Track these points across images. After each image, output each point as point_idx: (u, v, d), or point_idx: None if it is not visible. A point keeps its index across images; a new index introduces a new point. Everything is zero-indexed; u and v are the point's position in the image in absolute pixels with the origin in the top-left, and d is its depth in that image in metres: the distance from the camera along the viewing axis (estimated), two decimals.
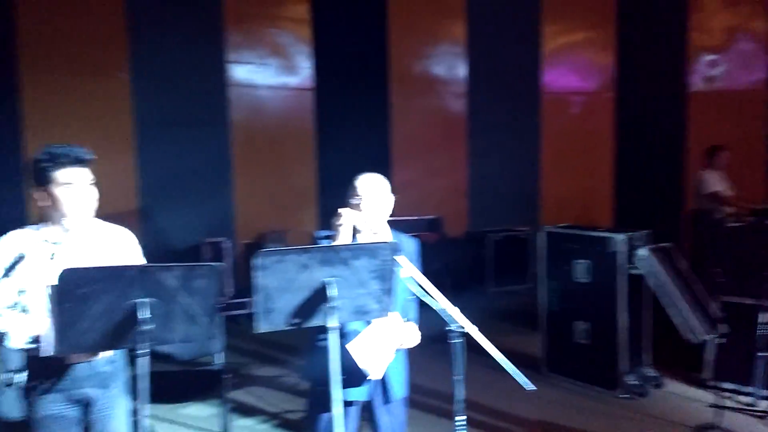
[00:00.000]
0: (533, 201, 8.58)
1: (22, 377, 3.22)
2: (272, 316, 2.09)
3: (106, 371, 2.33)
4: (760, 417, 4.03)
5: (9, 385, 3.33)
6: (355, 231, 2.59)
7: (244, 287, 6.61)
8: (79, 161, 2.25)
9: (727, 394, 4.28)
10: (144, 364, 1.95)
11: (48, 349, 1.95)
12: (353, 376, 2.49)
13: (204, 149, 7.00)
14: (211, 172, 7.10)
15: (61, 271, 1.80)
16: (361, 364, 2.43)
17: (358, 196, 2.55)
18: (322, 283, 2.09)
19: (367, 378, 2.53)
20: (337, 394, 2.10)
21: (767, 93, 7.76)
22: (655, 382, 4.57)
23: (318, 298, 2.11)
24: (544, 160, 8.56)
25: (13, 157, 6.05)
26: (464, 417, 2.39)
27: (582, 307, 4.63)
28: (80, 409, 2.32)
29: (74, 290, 1.84)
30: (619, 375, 4.42)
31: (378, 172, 8.28)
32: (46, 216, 2.28)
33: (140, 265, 1.94)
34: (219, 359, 3.81)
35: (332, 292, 2.07)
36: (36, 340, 2.16)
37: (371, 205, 2.54)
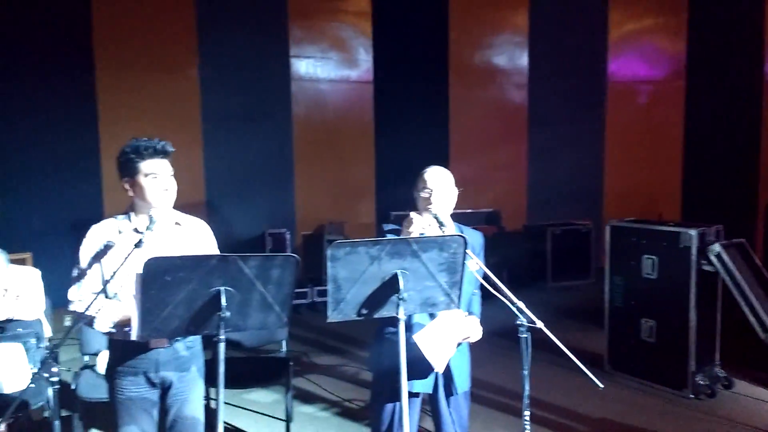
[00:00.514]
0: (596, 194, 8.37)
1: (103, 360, 3.43)
2: (342, 306, 2.13)
3: (184, 356, 2.44)
4: None
5: (88, 367, 3.54)
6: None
7: (304, 278, 6.79)
8: (161, 153, 2.36)
9: None
10: (222, 349, 2.03)
11: (132, 333, 2.05)
12: (417, 367, 2.52)
13: (267, 142, 7.19)
14: (273, 164, 7.28)
15: (146, 260, 1.90)
16: (427, 355, 2.46)
17: (426, 188, 2.57)
18: (392, 275, 2.12)
19: (431, 370, 2.56)
20: (404, 385, 2.12)
21: None
22: (724, 383, 4.40)
23: (387, 290, 2.14)
24: (608, 152, 8.33)
25: (89, 151, 6.39)
26: (529, 413, 2.38)
27: (649, 303, 4.50)
28: (159, 392, 2.44)
29: (159, 278, 1.93)
30: (688, 374, 4.28)
31: (436, 163, 8.28)
32: (133, 206, 2.41)
33: (220, 255, 2.02)
34: (284, 347, 3.92)
35: (402, 283, 2.10)
36: (121, 324, 2.29)
37: (438, 197, 2.54)
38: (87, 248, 2.37)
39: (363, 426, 3.92)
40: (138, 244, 2.23)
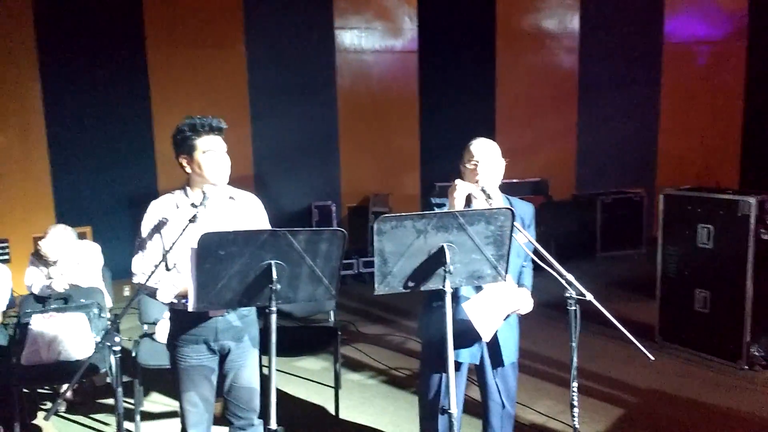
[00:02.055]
0: (649, 161, 8.11)
1: (161, 329, 3.60)
2: (389, 279, 2.16)
3: (239, 325, 2.54)
4: None
5: (147, 335, 3.72)
6: (470, 197, 2.60)
7: (350, 249, 6.87)
8: (216, 130, 2.43)
9: None
10: (274, 319, 2.10)
11: (189, 305, 2.15)
12: (465, 337, 2.55)
13: (312, 116, 7.23)
14: (318, 137, 7.33)
15: (201, 235, 1.97)
16: (475, 324, 2.48)
17: (472, 161, 2.55)
18: (438, 248, 2.13)
19: (478, 340, 2.58)
20: (450, 356, 2.14)
21: None
22: None
23: (433, 263, 2.15)
24: (664, 117, 8.02)
25: (143, 127, 6.58)
26: (576, 385, 2.38)
27: (703, 274, 4.38)
28: (217, 359, 2.55)
29: (213, 252, 2.00)
30: (743, 345, 4.17)
31: (482, 133, 8.15)
32: (189, 181, 2.50)
33: (271, 230, 2.07)
34: (332, 317, 4.01)
35: (448, 256, 2.11)
36: (181, 295, 2.39)
37: (485, 169, 2.53)
38: (147, 222, 2.47)
39: (409, 394, 4.00)
40: (193, 219, 2.31)
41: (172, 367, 2.57)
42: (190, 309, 2.15)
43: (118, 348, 2.54)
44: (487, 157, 2.55)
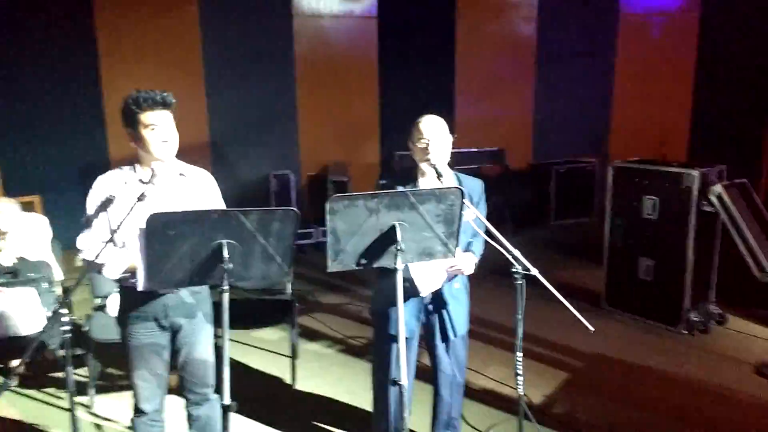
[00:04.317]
0: (602, 132, 8.29)
1: (113, 303, 3.56)
2: (342, 256, 2.19)
3: (191, 302, 2.54)
4: None
5: (99, 308, 3.68)
6: (420, 175, 2.63)
7: (309, 218, 6.87)
8: (161, 104, 2.37)
9: None
10: (227, 299, 2.11)
11: (138, 284, 2.13)
12: (414, 309, 2.62)
13: (269, 82, 7.10)
14: (276, 105, 7.22)
15: (148, 215, 1.95)
16: (415, 278, 2.54)
17: (422, 139, 2.57)
18: (390, 227, 2.17)
19: (428, 313, 2.66)
20: (402, 329, 2.20)
21: None
22: (718, 319, 4.52)
23: (385, 241, 2.19)
24: (618, 88, 8.17)
25: (92, 95, 6.36)
26: (521, 354, 2.48)
27: (648, 243, 4.57)
28: (169, 335, 2.55)
29: (161, 232, 1.99)
30: (682, 311, 4.40)
31: (441, 102, 8.23)
32: (138, 157, 2.45)
33: (221, 210, 2.07)
34: (288, 289, 4.04)
35: (399, 234, 2.15)
36: (130, 272, 2.37)
37: (436, 147, 2.55)
38: (93, 199, 2.42)
39: (366, 362, 4.09)
40: (141, 197, 2.28)
41: (122, 343, 2.56)
42: (140, 288, 2.14)
43: (67, 320, 2.51)
44: (436, 135, 2.57)
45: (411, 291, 2.56)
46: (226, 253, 2.06)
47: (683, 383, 3.76)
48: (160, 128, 2.38)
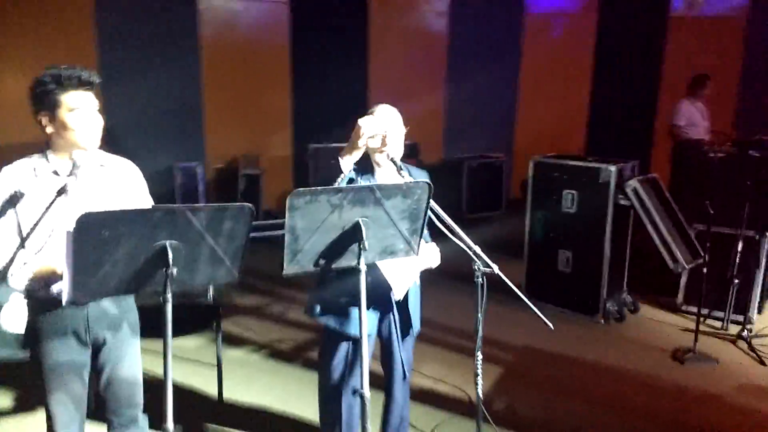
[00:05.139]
0: (509, 127, 8.54)
1: (8, 315, 3.09)
2: (299, 257, 2.00)
3: (115, 312, 2.23)
4: (732, 341, 4.27)
5: None
6: (375, 166, 2.48)
7: None
8: (86, 84, 2.06)
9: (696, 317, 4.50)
10: (169, 309, 1.85)
11: (63, 296, 1.81)
12: (374, 308, 2.46)
13: (172, 68, 6.59)
14: (179, 92, 6.73)
15: (80, 216, 1.64)
16: (390, 281, 2.39)
17: (373, 121, 2.41)
18: (353, 223, 2.00)
19: (386, 311, 2.51)
20: (364, 332, 2.04)
21: (746, 21, 7.73)
22: (631, 308, 4.77)
23: (347, 239, 2.02)
24: (523, 85, 8.44)
25: None
26: (480, 355, 2.42)
27: (567, 236, 4.71)
28: (89, 352, 2.22)
29: (94, 234, 1.69)
30: (600, 301, 4.58)
31: (354, 94, 8.01)
32: (51, 144, 2.09)
33: (166, 207, 1.79)
34: (210, 292, 3.72)
35: (366, 232, 1.99)
36: (42, 279, 2.03)
37: (393, 139, 2.41)
38: None
39: (296, 368, 3.88)
40: (62, 191, 1.94)
41: (32, 363, 2.19)
42: (65, 301, 1.81)
43: None
44: (392, 126, 2.44)
45: (380, 291, 2.39)
46: (171, 256, 1.80)
47: (608, 371, 3.90)
48: (84, 111, 2.07)
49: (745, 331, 4.25)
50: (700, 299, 4.27)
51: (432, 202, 2.41)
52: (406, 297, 2.56)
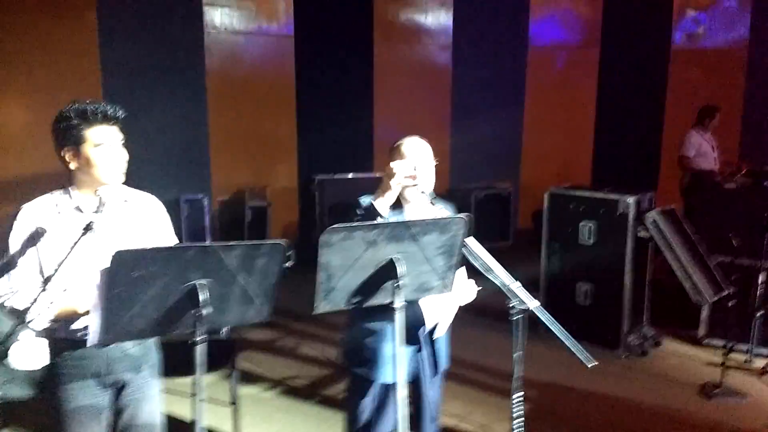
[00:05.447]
0: (515, 157, 8.53)
1: (21, 352, 2.98)
2: (333, 295, 1.92)
3: (135, 353, 2.14)
4: (759, 374, 4.17)
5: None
6: (403, 201, 2.42)
7: None
8: (111, 119, 2.01)
9: (723, 351, 4.39)
10: (200, 352, 1.77)
11: (90, 338, 1.72)
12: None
13: (178, 99, 6.56)
14: (185, 124, 6.68)
15: (114, 253, 1.57)
16: (429, 320, 2.31)
17: (407, 162, 2.35)
18: (388, 261, 1.92)
19: (415, 352, 2.42)
20: (401, 379, 1.96)
21: (748, 53, 7.80)
22: (654, 341, 4.66)
23: (382, 276, 1.95)
24: (528, 116, 8.46)
25: None
26: (522, 393, 2.32)
27: (585, 268, 4.63)
28: (109, 394, 2.12)
29: (128, 273, 1.61)
30: (621, 335, 4.48)
31: (360, 126, 7.97)
32: (73, 179, 2.03)
33: (199, 246, 1.72)
34: (224, 328, 3.62)
35: (401, 269, 1.91)
36: (65, 319, 1.95)
37: (424, 172, 2.35)
38: (19, 233, 1.97)
39: (312, 405, 3.76)
40: (88, 228, 1.86)
41: (51, 408, 2.09)
42: (90, 343, 1.72)
43: None
44: (423, 159, 2.38)
45: (411, 330, 2.30)
46: (202, 296, 1.72)
47: (634, 407, 3.78)
48: (110, 147, 2.01)
49: None
50: (726, 333, 4.20)
51: (472, 239, 2.34)
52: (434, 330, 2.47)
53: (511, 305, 2.22)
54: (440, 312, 2.38)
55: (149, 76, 6.38)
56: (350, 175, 6.78)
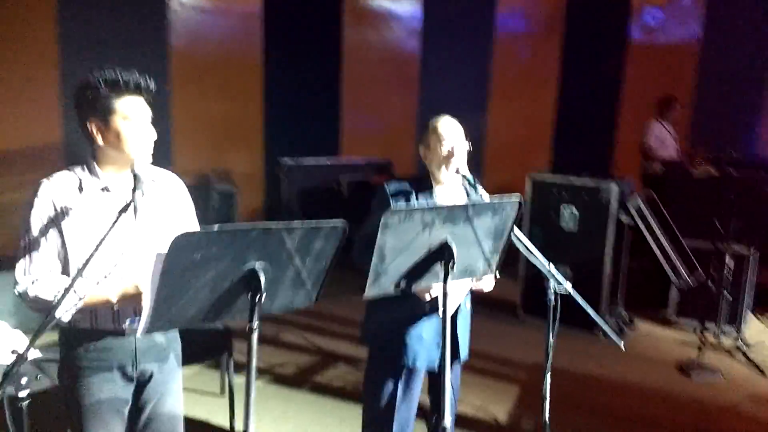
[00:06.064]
0: (478, 144, 8.58)
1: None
2: (382, 279, 1.86)
3: (161, 343, 2.00)
4: (728, 352, 4.39)
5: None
6: (434, 182, 2.37)
7: None
8: (144, 90, 1.84)
9: (695, 331, 4.61)
10: (255, 342, 1.66)
11: (139, 327, 1.58)
12: (429, 339, 2.34)
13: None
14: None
15: (176, 236, 1.43)
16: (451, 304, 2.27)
17: (443, 144, 2.30)
18: (441, 243, 1.87)
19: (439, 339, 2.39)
20: (447, 358, 1.92)
21: (700, 48, 8.13)
22: (627, 322, 4.83)
23: (431, 259, 1.90)
24: (493, 104, 8.53)
25: None
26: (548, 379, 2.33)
27: (565, 252, 4.72)
28: (132, 387, 1.98)
29: (188, 257, 1.49)
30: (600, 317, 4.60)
31: (328, 110, 7.82)
32: (97, 155, 1.86)
33: (263, 226, 1.60)
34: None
35: (456, 251, 1.86)
36: (91, 308, 1.79)
37: (460, 153, 2.31)
38: (39, 212, 1.78)
39: (305, 392, 3.68)
40: (125, 209, 1.71)
41: (70, 402, 1.93)
42: (139, 333, 1.58)
43: None
44: (459, 139, 2.34)
45: (431, 309, 2.27)
46: (263, 279, 1.62)
47: (620, 386, 3.90)
48: (140, 121, 1.85)
49: (740, 342, 4.38)
50: (694, 313, 4.39)
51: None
52: (455, 323, 2.45)
53: (549, 286, 2.22)
54: (458, 296, 2.35)
55: (110, 50, 6.00)
56: (317, 160, 6.65)
